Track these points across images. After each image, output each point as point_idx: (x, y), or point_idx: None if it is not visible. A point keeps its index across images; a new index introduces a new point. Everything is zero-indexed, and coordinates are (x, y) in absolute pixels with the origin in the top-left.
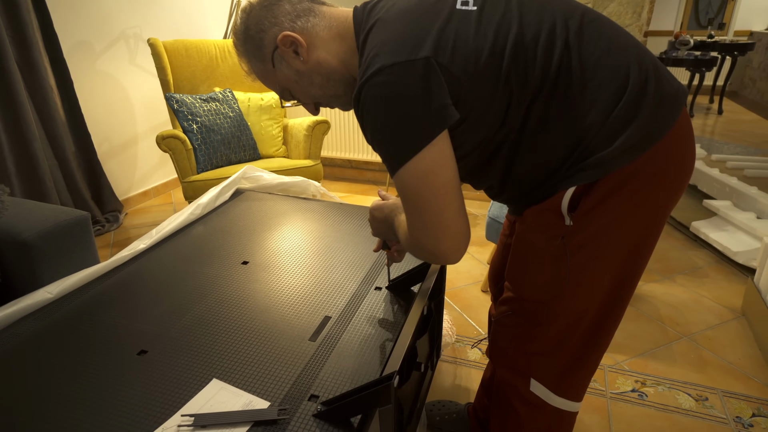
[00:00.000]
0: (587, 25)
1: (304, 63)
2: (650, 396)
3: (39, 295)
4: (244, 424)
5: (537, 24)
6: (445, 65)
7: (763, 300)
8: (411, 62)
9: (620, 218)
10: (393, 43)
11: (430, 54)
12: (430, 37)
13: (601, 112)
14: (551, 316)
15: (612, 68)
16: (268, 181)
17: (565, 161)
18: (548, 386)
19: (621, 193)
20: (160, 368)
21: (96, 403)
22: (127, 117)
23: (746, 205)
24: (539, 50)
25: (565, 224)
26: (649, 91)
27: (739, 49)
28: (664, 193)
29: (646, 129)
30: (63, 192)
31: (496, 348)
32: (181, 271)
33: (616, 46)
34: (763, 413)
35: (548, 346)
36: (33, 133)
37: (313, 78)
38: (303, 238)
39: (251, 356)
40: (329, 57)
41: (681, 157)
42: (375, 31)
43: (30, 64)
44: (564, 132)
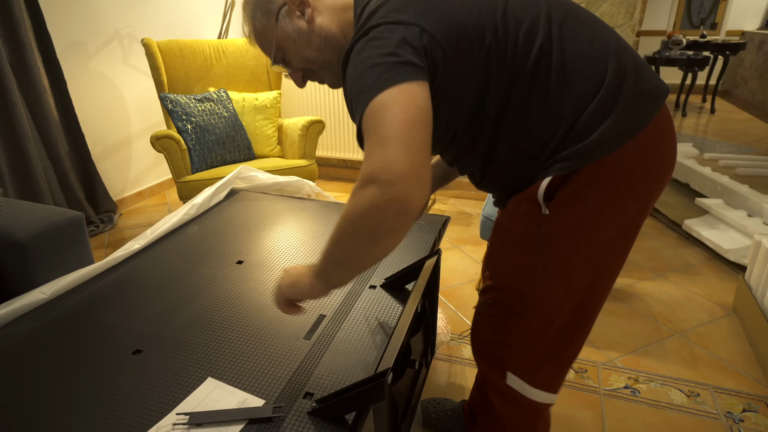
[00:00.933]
0: (571, 20)
1: (308, 22)
2: (643, 392)
3: (33, 295)
4: (239, 422)
5: (521, 12)
6: (429, 30)
7: (754, 297)
8: (395, 23)
9: (597, 211)
10: (384, 8)
11: (414, 20)
12: (419, 7)
13: (579, 105)
14: (528, 305)
15: (591, 62)
16: (263, 180)
17: (542, 151)
18: (524, 378)
19: (598, 186)
20: (155, 367)
21: (91, 403)
22: (121, 117)
23: (738, 203)
24: (520, 37)
25: (542, 213)
26: (626, 86)
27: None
28: (642, 189)
29: (623, 124)
30: (57, 192)
31: (475, 340)
32: (176, 270)
33: (597, 42)
34: (753, 408)
35: (525, 338)
36: (26, 134)
37: (312, 39)
38: (298, 237)
39: (246, 355)
40: (331, 23)
41: (659, 154)
42: (370, 4)
43: (23, 64)
44: (541, 122)
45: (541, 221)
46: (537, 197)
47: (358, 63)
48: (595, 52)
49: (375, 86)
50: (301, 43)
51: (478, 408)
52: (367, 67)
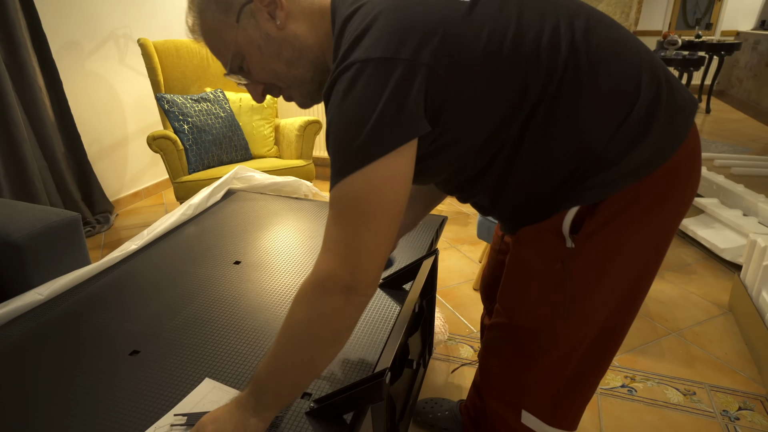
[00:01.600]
0: (594, 26)
1: (279, 29)
2: (639, 391)
3: (29, 296)
4: None
5: (539, 23)
6: (431, 66)
7: (750, 296)
8: (388, 61)
9: (626, 241)
10: (372, 36)
11: (411, 55)
12: (416, 33)
13: (610, 126)
14: (544, 347)
15: (622, 75)
16: (260, 181)
17: (569, 178)
18: (541, 417)
19: (627, 214)
20: (152, 368)
21: (88, 404)
22: (118, 117)
23: (733, 202)
24: (542, 53)
25: (566, 246)
26: (661, 103)
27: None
28: (673, 212)
29: (657, 146)
30: (53, 193)
31: (485, 376)
32: (173, 271)
33: (626, 51)
34: (748, 407)
35: (541, 377)
36: (22, 134)
37: (283, 49)
38: (295, 237)
39: (244, 355)
40: (308, 32)
41: (689, 176)
42: (355, 20)
43: (18, 65)
44: (567, 146)
45: (566, 257)
46: (561, 230)
47: (342, 110)
48: (625, 63)
49: (358, 157)
50: (268, 52)
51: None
52: (353, 120)
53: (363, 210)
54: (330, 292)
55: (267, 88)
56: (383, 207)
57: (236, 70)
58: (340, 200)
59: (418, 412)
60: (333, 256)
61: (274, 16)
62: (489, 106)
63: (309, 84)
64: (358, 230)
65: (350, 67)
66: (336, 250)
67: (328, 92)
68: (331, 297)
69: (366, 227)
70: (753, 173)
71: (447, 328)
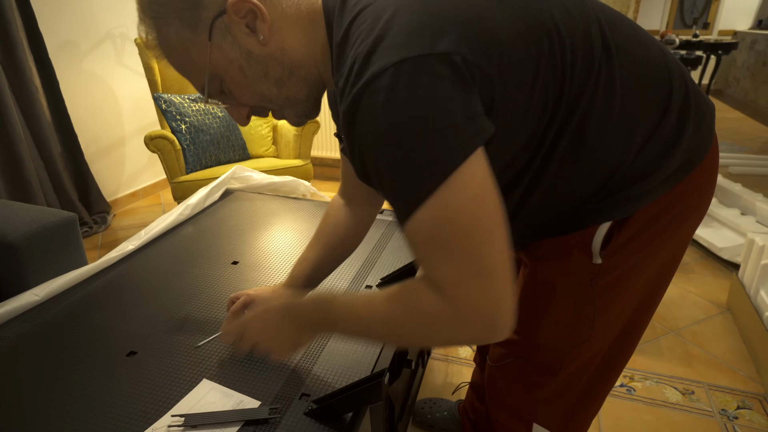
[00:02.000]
0: (619, 25)
1: (263, 44)
2: (638, 390)
3: (26, 297)
4: (235, 423)
5: (568, 19)
6: (474, 60)
7: (748, 295)
8: (428, 58)
9: (651, 253)
10: (396, 33)
11: (452, 48)
12: (450, 24)
13: (643, 133)
14: (564, 363)
15: (653, 79)
16: (258, 181)
17: (599, 191)
18: (552, 430)
19: (655, 227)
20: (149, 369)
21: (85, 405)
22: (115, 117)
23: (731, 201)
24: (577, 53)
25: (593, 263)
26: (691, 107)
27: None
28: (695, 220)
29: (687, 153)
30: (49, 193)
31: (494, 391)
32: (171, 271)
33: (652, 51)
34: (747, 405)
35: (555, 391)
36: (18, 134)
37: (271, 68)
38: (293, 237)
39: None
40: (297, 45)
41: (712, 181)
42: (363, 21)
43: (14, 64)
44: (600, 156)
45: (594, 276)
46: (591, 246)
47: (390, 124)
48: (654, 66)
49: (435, 171)
50: (252, 73)
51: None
52: (412, 133)
53: (472, 229)
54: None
55: (253, 110)
56: (491, 216)
57: (215, 95)
58: (438, 228)
59: (416, 413)
60: (466, 291)
61: (254, 29)
62: (526, 110)
63: (304, 104)
64: (482, 250)
65: (381, 74)
66: (467, 283)
67: (352, 111)
68: (471, 331)
69: (488, 244)
70: (751, 172)
71: None
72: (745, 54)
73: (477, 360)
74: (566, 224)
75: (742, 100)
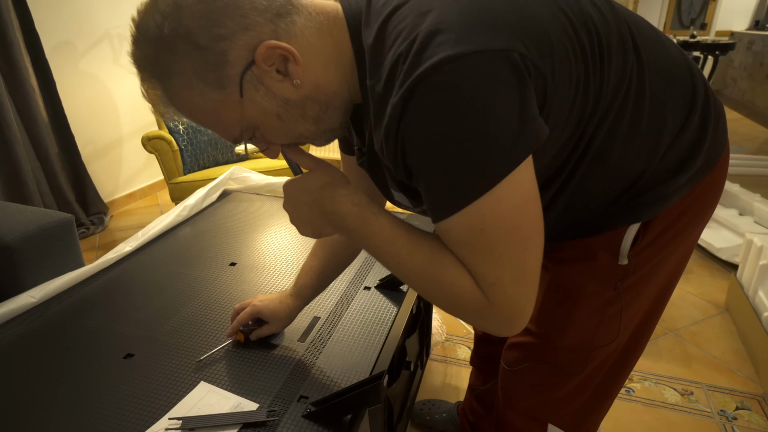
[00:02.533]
0: (641, 26)
1: (298, 88)
2: (637, 391)
3: (22, 299)
4: (233, 426)
5: (602, 20)
6: (529, 57)
7: (746, 295)
8: (487, 54)
9: (671, 252)
10: (449, 29)
11: (509, 44)
12: (503, 20)
13: (670, 133)
14: (585, 364)
15: (678, 77)
16: (256, 181)
17: (625, 192)
18: (567, 430)
19: (677, 226)
20: (147, 371)
21: (82, 408)
22: (112, 118)
23: (729, 202)
24: (614, 53)
25: (618, 264)
26: (710, 106)
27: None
28: (708, 218)
29: (708, 153)
30: (46, 194)
31: (508, 394)
32: (168, 273)
33: (674, 51)
34: (746, 406)
35: (571, 391)
36: (15, 135)
37: (308, 109)
38: (291, 238)
39: (239, 358)
40: (329, 75)
41: (724, 180)
42: (401, 17)
43: (10, 65)
44: (629, 158)
45: (621, 277)
46: (619, 248)
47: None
48: (677, 66)
49: (490, 175)
50: (290, 118)
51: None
52: (470, 132)
53: (515, 236)
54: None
55: (286, 145)
56: (533, 225)
57: (248, 140)
58: (481, 232)
59: (415, 414)
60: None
61: (286, 73)
62: (571, 109)
63: (338, 130)
64: (520, 258)
65: (436, 69)
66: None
67: (401, 105)
68: (494, 324)
69: (526, 251)
70: (748, 173)
71: (444, 329)
72: (743, 54)
73: (474, 362)
74: (592, 225)
75: (740, 100)
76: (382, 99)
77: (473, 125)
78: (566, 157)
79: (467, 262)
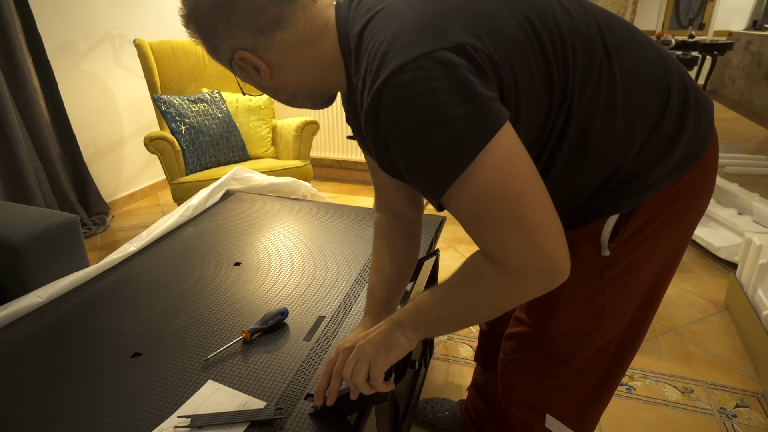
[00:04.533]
0: (616, 26)
1: (269, 81)
2: (638, 389)
3: (28, 299)
4: (241, 424)
5: (569, 19)
6: (484, 50)
7: (745, 294)
8: (441, 51)
9: (657, 243)
10: (409, 33)
11: (463, 40)
12: (459, 18)
13: (646, 127)
14: (576, 353)
15: (652, 76)
16: (259, 182)
17: (605, 185)
18: (566, 422)
19: (662, 218)
20: (154, 370)
21: (90, 407)
22: (113, 118)
23: (728, 201)
24: (578, 51)
25: (602, 255)
26: (690, 102)
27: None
28: (698, 211)
29: (690, 146)
30: (48, 195)
31: (507, 384)
32: (173, 273)
33: (649, 50)
34: (746, 404)
35: (568, 381)
36: (17, 136)
37: (279, 94)
38: (295, 238)
39: (246, 357)
40: (300, 75)
41: (713, 173)
42: (375, 25)
43: (13, 66)
44: (605, 151)
45: (603, 268)
46: (599, 239)
47: (416, 113)
48: (651, 64)
49: (466, 149)
50: (267, 93)
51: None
52: (438, 117)
53: (505, 196)
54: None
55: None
56: (521, 179)
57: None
58: (475, 203)
59: (418, 413)
60: (513, 252)
61: (258, 70)
62: (532, 106)
63: (315, 106)
64: (517, 213)
65: (399, 71)
66: (512, 246)
67: (374, 107)
68: (530, 285)
69: (522, 206)
70: (747, 172)
71: None
72: (740, 54)
73: (478, 359)
74: (573, 219)
75: (738, 100)
76: (361, 96)
77: (439, 113)
78: (537, 153)
79: (479, 239)
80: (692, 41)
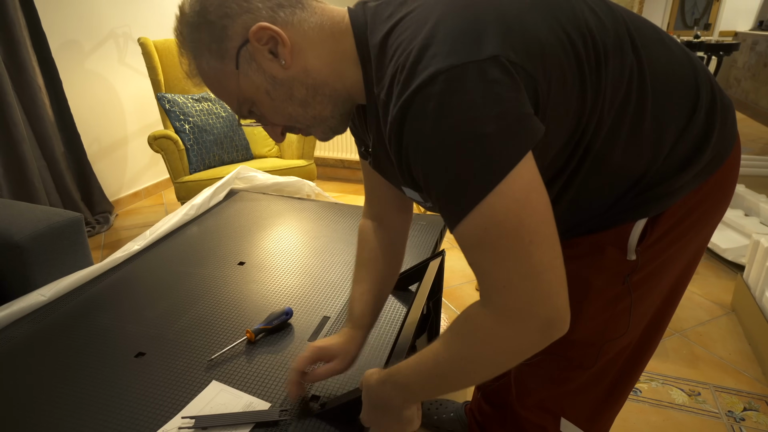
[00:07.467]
0: (643, 27)
1: (285, 68)
2: (644, 392)
3: (32, 297)
4: (246, 425)
5: (599, 23)
6: (519, 62)
7: (752, 296)
8: (477, 63)
9: (682, 247)
10: (441, 42)
11: (498, 51)
12: (493, 27)
13: (674, 131)
14: (597, 357)
15: (681, 78)
16: (262, 181)
17: (631, 189)
18: (580, 425)
19: (688, 221)
20: (158, 370)
21: (94, 406)
22: (117, 117)
23: (734, 202)
24: (610, 54)
25: (627, 259)
26: (717, 104)
27: (725, 50)
28: (720, 214)
29: (716, 148)
30: (52, 193)
31: (521, 387)
32: (177, 272)
33: (677, 51)
34: (754, 407)
35: (584, 384)
36: (21, 134)
37: (295, 90)
38: (299, 238)
39: (251, 358)
40: (320, 64)
41: (735, 176)
42: (400, 32)
43: (17, 64)
44: (633, 156)
45: (629, 272)
46: (627, 243)
47: (443, 130)
48: (678, 65)
49: (486, 177)
50: (278, 96)
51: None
52: (465, 137)
53: (518, 230)
54: (526, 329)
55: (287, 128)
56: (537, 217)
57: (247, 115)
58: (485, 231)
59: (423, 414)
60: (514, 294)
61: (276, 54)
62: (567, 110)
63: (330, 120)
64: (526, 251)
65: (431, 81)
66: (514, 286)
67: (400, 117)
68: (527, 335)
69: (533, 245)
70: (753, 173)
71: None
72: (746, 55)
73: None
74: (599, 222)
75: (743, 101)
76: (386, 107)
77: (468, 130)
78: (567, 157)
79: (480, 272)
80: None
